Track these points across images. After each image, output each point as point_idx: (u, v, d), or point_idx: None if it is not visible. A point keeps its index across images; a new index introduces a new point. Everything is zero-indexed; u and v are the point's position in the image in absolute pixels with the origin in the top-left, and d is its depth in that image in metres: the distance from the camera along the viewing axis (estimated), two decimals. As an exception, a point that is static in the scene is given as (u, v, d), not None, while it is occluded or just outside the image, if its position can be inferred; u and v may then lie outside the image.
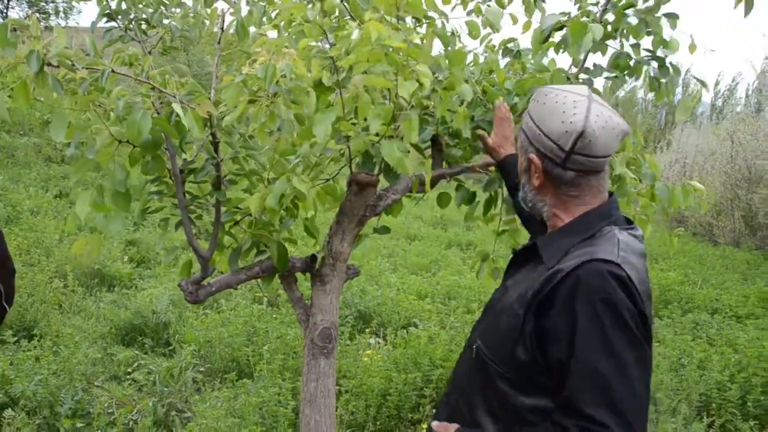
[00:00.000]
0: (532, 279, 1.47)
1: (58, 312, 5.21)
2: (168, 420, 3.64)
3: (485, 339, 1.56)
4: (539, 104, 1.53)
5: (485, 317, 1.65)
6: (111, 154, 1.67)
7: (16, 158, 10.47)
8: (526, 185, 1.59)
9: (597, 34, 2.26)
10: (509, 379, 1.47)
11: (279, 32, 2.01)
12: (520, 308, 1.44)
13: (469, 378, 1.60)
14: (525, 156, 1.57)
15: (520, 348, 1.43)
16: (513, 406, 1.47)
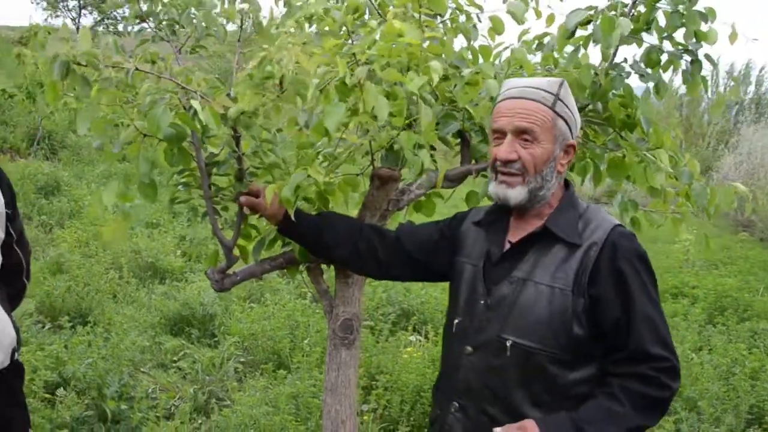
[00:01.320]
0: (559, 260, 1.61)
1: (112, 301, 5.45)
2: (208, 407, 3.78)
3: (521, 333, 1.61)
4: (569, 94, 1.68)
5: (499, 314, 1.65)
6: (137, 147, 1.76)
7: (80, 156, 10.93)
8: (552, 173, 1.65)
9: (625, 28, 2.23)
10: (560, 360, 1.58)
11: (302, 29, 2.07)
12: (565, 288, 1.58)
13: (501, 380, 1.63)
14: (561, 143, 1.65)
15: (575, 325, 1.57)
16: (562, 385, 1.59)
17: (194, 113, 1.58)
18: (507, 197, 1.65)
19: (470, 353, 1.68)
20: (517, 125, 1.62)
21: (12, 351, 2.02)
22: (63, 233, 6.95)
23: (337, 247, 1.98)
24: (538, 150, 1.62)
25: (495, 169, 1.68)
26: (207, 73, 1.76)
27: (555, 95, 1.64)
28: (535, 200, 1.65)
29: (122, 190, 1.71)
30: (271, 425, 3.37)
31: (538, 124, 1.61)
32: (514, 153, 1.62)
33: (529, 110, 1.62)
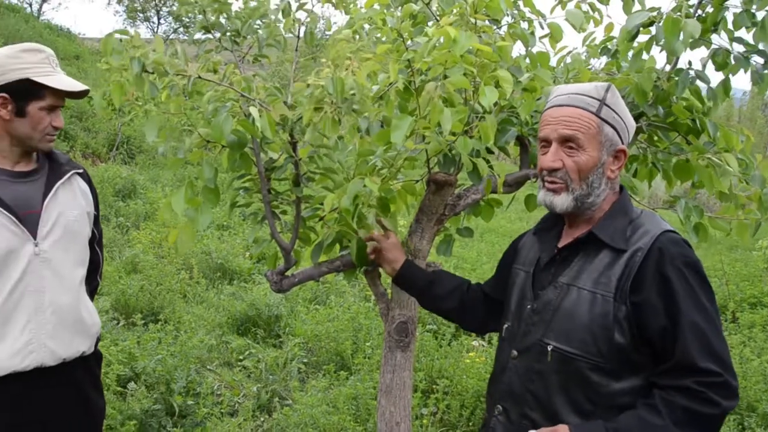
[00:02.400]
0: (603, 266, 1.58)
1: (182, 300, 5.65)
2: (270, 406, 3.87)
3: (562, 338, 1.59)
4: (618, 99, 1.64)
5: (543, 318, 1.65)
6: (201, 153, 1.84)
7: (156, 161, 11.38)
8: (600, 179, 1.62)
9: (694, 30, 2.17)
10: (601, 368, 1.53)
11: (360, 36, 2.11)
12: (607, 295, 1.54)
13: (542, 384, 1.62)
14: (608, 150, 1.62)
15: (616, 333, 1.52)
16: (605, 394, 1.54)
17: (252, 120, 1.64)
18: (553, 204, 1.65)
19: (515, 357, 1.69)
20: (560, 133, 1.61)
21: (96, 339, 2.19)
22: (138, 234, 7.26)
23: (445, 300, 2.07)
24: (583, 157, 1.60)
25: (542, 178, 1.67)
26: (266, 81, 1.82)
27: (601, 101, 1.61)
28: (584, 207, 1.63)
29: (189, 196, 1.79)
30: (329, 424, 3.43)
31: (582, 131, 1.59)
32: (559, 161, 1.61)
33: (573, 117, 1.60)
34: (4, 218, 1.93)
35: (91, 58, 16.81)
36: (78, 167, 2.18)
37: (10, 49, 1.97)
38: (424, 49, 1.86)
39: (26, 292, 1.97)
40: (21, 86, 1.93)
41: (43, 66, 1.95)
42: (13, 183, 2.00)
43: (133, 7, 25.09)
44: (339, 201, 1.93)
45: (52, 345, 2.01)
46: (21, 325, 1.96)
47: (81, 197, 2.15)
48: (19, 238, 1.95)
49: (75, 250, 2.10)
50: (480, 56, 1.89)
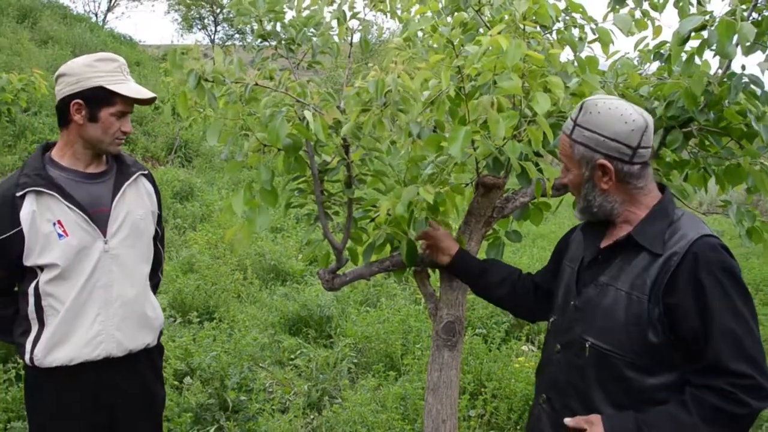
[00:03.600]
0: (640, 268, 1.64)
1: (236, 300, 5.80)
2: (320, 404, 3.96)
3: (599, 335, 1.68)
4: (594, 115, 1.69)
5: (584, 315, 1.74)
6: (258, 157, 1.93)
7: (212, 164, 11.67)
8: (591, 193, 1.73)
9: (749, 33, 2.16)
10: (636, 365, 1.61)
11: (413, 44, 2.17)
12: (641, 296, 1.61)
13: (582, 378, 1.71)
14: (588, 166, 1.71)
15: (650, 333, 1.59)
16: (639, 389, 1.62)
17: (307, 124, 1.72)
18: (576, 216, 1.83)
19: (558, 350, 1.81)
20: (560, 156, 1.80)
21: (159, 333, 2.32)
22: (195, 236, 7.47)
23: (497, 288, 2.17)
24: (570, 176, 1.75)
25: None
26: (320, 87, 1.90)
27: (573, 121, 1.72)
28: (597, 216, 1.75)
29: (248, 197, 1.88)
30: (378, 423, 3.50)
31: (563, 153, 1.76)
32: (564, 179, 1.80)
33: (560, 142, 1.78)
34: (78, 217, 2.06)
35: (151, 65, 17.34)
36: (143, 169, 2.31)
37: (87, 59, 2.10)
38: (474, 56, 1.91)
39: (96, 287, 2.10)
40: (94, 93, 2.06)
41: (115, 74, 2.08)
42: (85, 183, 2.14)
43: (189, 16, 25.78)
44: (393, 207, 1.99)
45: (120, 336, 2.14)
46: (92, 318, 2.09)
47: (146, 197, 2.28)
48: (91, 236, 2.09)
49: (140, 247, 2.23)
50: (529, 62, 1.93)
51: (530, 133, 1.95)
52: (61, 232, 2.03)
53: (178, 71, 1.74)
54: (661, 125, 2.37)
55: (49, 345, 2.06)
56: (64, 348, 2.07)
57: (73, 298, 2.06)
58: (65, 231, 2.04)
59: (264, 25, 2.09)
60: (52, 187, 2.05)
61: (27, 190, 2.03)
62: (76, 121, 2.08)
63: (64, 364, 2.07)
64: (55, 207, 2.05)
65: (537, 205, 2.47)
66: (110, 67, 2.09)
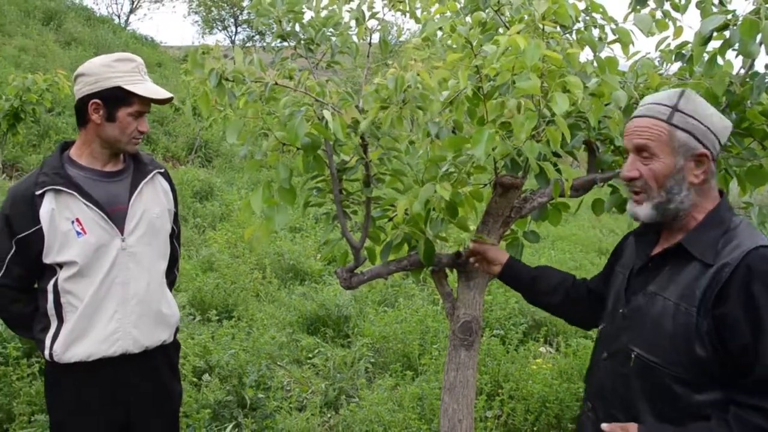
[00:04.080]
0: (690, 278, 1.57)
1: (255, 299, 5.84)
2: (337, 403, 3.97)
3: (646, 346, 1.62)
4: (697, 104, 1.65)
5: (631, 324, 1.68)
6: (277, 156, 1.95)
7: (232, 164, 11.76)
8: (678, 185, 1.63)
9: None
10: (683, 380, 1.54)
11: (431, 44, 2.18)
12: (690, 308, 1.54)
13: (626, 387, 1.66)
14: (687, 155, 1.62)
15: (697, 346, 1.51)
16: (686, 405, 1.54)
17: (326, 123, 1.73)
18: (637, 215, 1.69)
19: (605, 358, 1.76)
20: (634, 143, 1.67)
21: (175, 329, 2.35)
22: (214, 235, 7.53)
23: (550, 295, 2.13)
24: (657, 165, 1.63)
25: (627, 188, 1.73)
26: (339, 87, 1.92)
27: (672, 107, 1.64)
28: (668, 214, 1.65)
29: (267, 196, 1.90)
30: (394, 422, 3.50)
31: (652, 139, 1.63)
32: (635, 171, 1.66)
33: (643, 127, 1.65)
34: (96, 215, 2.10)
35: (172, 65, 17.52)
36: (160, 167, 2.34)
37: (105, 59, 2.13)
38: (493, 56, 1.92)
39: (114, 284, 2.13)
40: (112, 93, 2.09)
41: (133, 75, 2.11)
42: (102, 182, 2.17)
43: (209, 18, 25.98)
44: (410, 205, 2.00)
45: (136, 333, 2.17)
46: (109, 315, 2.13)
47: (163, 195, 2.31)
48: (109, 234, 2.12)
49: (157, 244, 2.26)
50: (548, 62, 1.93)
51: (549, 133, 1.95)
52: (79, 230, 2.07)
53: (199, 70, 1.76)
54: (682, 126, 2.35)
55: (67, 341, 2.09)
56: (82, 344, 2.10)
57: (91, 295, 2.09)
58: (83, 229, 2.07)
59: (283, 26, 2.11)
60: (70, 186, 2.08)
61: (46, 188, 2.06)
62: (93, 120, 2.11)
63: (82, 360, 2.10)
64: (74, 205, 2.08)
65: (555, 205, 2.47)
66: (128, 67, 2.11)
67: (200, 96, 1.72)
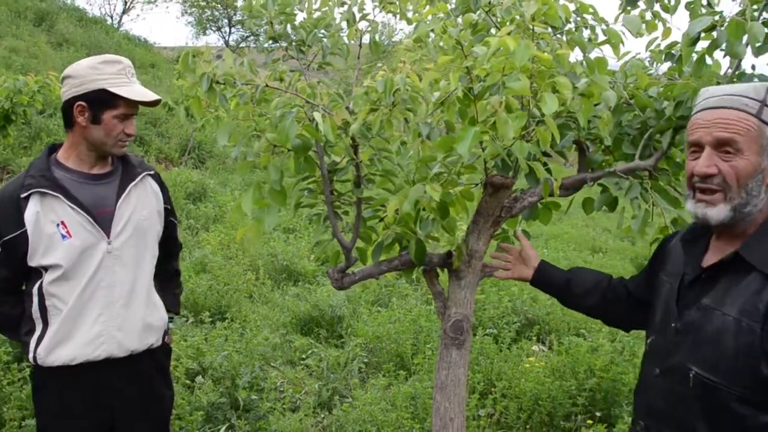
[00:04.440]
0: (751, 291, 1.44)
1: (248, 300, 5.85)
2: (331, 403, 3.98)
3: (705, 365, 1.48)
4: None
5: (686, 340, 1.55)
6: (269, 157, 1.96)
7: (225, 165, 11.76)
8: (759, 187, 1.49)
9: (759, 33, 2.16)
10: (748, 400, 1.41)
11: (423, 45, 2.19)
12: (753, 324, 1.40)
13: (685, 408, 1.52)
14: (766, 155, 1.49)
15: (763, 364, 1.38)
16: (750, 426, 1.42)
17: (316, 125, 1.74)
18: (707, 217, 1.52)
19: (657, 375, 1.63)
20: (716, 136, 1.49)
21: (163, 333, 2.33)
22: (207, 236, 7.53)
23: (586, 298, 2.06)
24: (741, 162, 1.47)
25: (692, 186, 1.55)
26: (330, 88, 1.93)
27: (761, 102, 1.48)
28: (740, 218, 1.50)
29: (258, 197, 1.90)
30: (387, 422, 3.52)
31: (740, 133, 1.47)
32: (714, 167, 1.49)
33: (730, 120, 1.48)
34: (81, 218, 2.09)
35: (165, 66, 17.50)
36: (149, 169, 2.33)
37: (91, 61, 2.13)
38: (483, 57, 1.93)
39: (99, 287, 2.13)
40: (97, 96, 2.08)
41: (119, 77, 2.10)
42: (89, 185, 2.16)
43: (203, 19, 25.94)
44: (401, 206, 2.01)
45: (121, 337, 2.16)
46: (93, 317, 2.12)
47: (152, 197, 2.31)
48: (94, 237, 2.11)
49: (144, 247, 2.25)
50: (538, 63, 1.95)
51: (539, 133, 1.97)
52: (64, 233, 2.06)
53: (190, 74, 1.77)
54: (671, 125, 2.37)
55: (51, 344, 2.09)
56: (65, 347, 2.09)
57: (76, 298, 2.08)
58: (68, 232, 2.07)
59: (275, 28, 2.12)
60: (56, 189, 2.08)
61: (31, 191, 2.06)
62: (79, 123, 2.11)
63: (66, 363, 2.10)
64: (59, 208, 2.08)
65: (546, 204, 2.48)
66: (114, 69, 2.11)
67: (192, 100, 1.73)
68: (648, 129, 2.41)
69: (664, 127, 2.37)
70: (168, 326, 2.40)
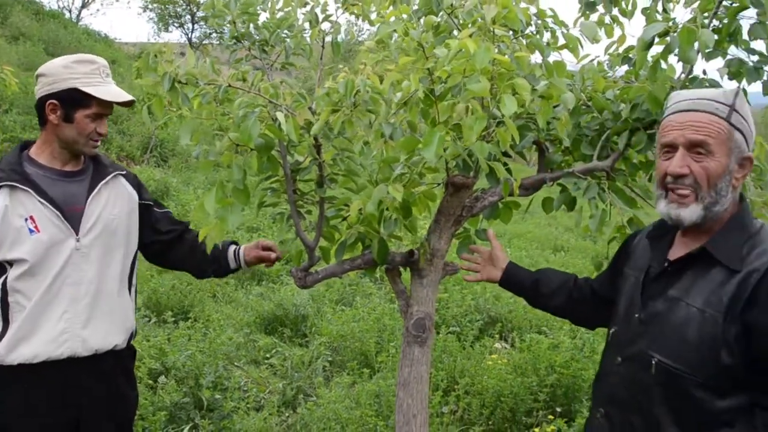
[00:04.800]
0: (716, 284, 1.52)
1: (212, 300, 5.81)
2: (295, 402, 3.99)
3: (668, 353, 1.56)
4: (746, 106, 1.61)
5: (650, 330, 1.63)
6: (231, 156, 1.96)
7: (188, 164, 11.62)
8: (726, 187, 1.57)
9: (708, 40, 2.23)
10: (707, 386, 1.49)
11: (386, 46, 2.21)
12: (717, 315, 1.48)
13: (646, 395, 1.59)
14: (738, 157, 1.57)
15: (723, 353, 1.46)
16: (709, 411, 1.49)
17: (279, 125, 1.75)
18: (680, 218, 1.59)
19: (619, 363, 1.69)
20: (689, 138, 1.56)
21: (129, 335, 2.33)
22: (170, 235, 7.43)
23: (553, 298, 2.14)
24: (712, 163, 1.54)
25: (665, 186, 1.61)
26: (293, 88, 1.94)
27: (730, 106, 1.56)
28: (712, 216, 1.58)
29: (221, 196, 1.91)
30: (352, 419, 3.54)
31: (712, 136, 1.54)
32: (686, 167, 1.56)
33: (702, 122, 1.56)
34: (51, 213, 2.08)
35: (127, 63, 17.21)
36: (121, 169, 2.34)
37: (65, 60, 2.13)
38: (445, 58, 1.96)
39: (65, 284, 2.11)
40: (69, 95, 2.09)
41: (92, 76, 2.11)
42: (61, 181, 2.16)
43: (164, 15, 25.55)
44: (364, 205, 2.04)
45: (85, 335, 2.14)
46: (58, 314, 2.10)
47: (124, 196, 2.30)
48: (63, 233, 2.10)
49: (113, 246, 2.24)
50: (498, 65, 1.99)
51: (499, 134, 2.01)
52: (32, 227, 2.05)
53: (151, 73, 1.77)
54: (627, 127, 2.43)
55: (12, 342, 2.06)
56: (28, 345, 2.07)
57: (41, 294, 2.07)
58: (37, 227, 2.06)
59: (238, 27, 2.12)
60: (26, 183, 2.07)
61: (1, 184, 2.05)
62: (51, 120, 2.11)
63: (27, 361, 2.07)
64: (28, 202, 2.07)
65: (506, 204, 2.53)
66: (87, 68, 2.11)
67: (155, 101, 1.73)
68: (605, 130, 2.46)
69: (620, 129, 2.43)
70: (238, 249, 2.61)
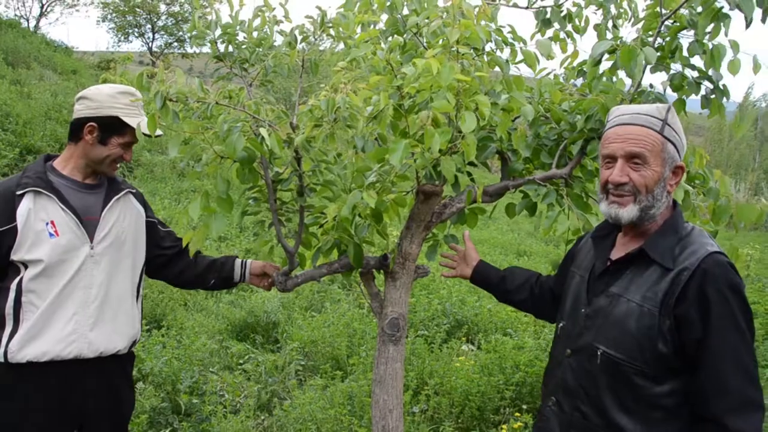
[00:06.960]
0: (652, 281, 1.71)
1: (183, 308, 5.87)
2: (270, 405, 4.10)
3: (611, 344, 1.75)
4: (677, 120, 1.81)
5: (595, 324, 1.81)
6: (216, 168, 2.10)
7: (154, 174, 11.58)
8: (662, 193, 1.77)
9: (650, 57, 2.43)
10: (645, 373, 1.68)
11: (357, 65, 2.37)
12: (653, 308, 1.68)
13: (593, 383, 1.78)
14: (669, 165, 1.77)
15: (660, 343, 1.66)
16: (648, 395, 1.69)
17: (262, 139, 1.89)
18: (619, 216, 1.79)
19: (569, 355, 1.87)
20: (628, 150, 1.76)
21: (132, 342, 2.47)
22: (139, 245, 7.45)
23: (516, 293, 2.35)
24: (648, 172, 1.74)
25: (606, 191, 1.82)
26: (274, 105, 2.09)
27: (663, 120, 1.76)
28: (646, 218, 1.77)
29: (205, 204, 2.04)
30: (326, 419, 3.67)
31: (648, 148, 1.74)
32: (626, 176, 1.76)
33: (639, 135, 1.75)
34: (71, 220, 2.24)
35: (87, 73, 17.04)
36: (131, 187, 2.53)
37: (111, 89, 2.33)
38: (412, 76, 2.13)
39: (77, 287, 2.26)
40: (110, 121, 2.29)
41: (132, 108, 2.31)
42: (80, 192, 2.34)
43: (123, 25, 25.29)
44: (339, 211, 2.19)
45: (92, 337, 2.28)
46: (68, 316, 2.24)
47: (133, 212, 2.48)
48: (80, 239, 2.26)
49: (122, 256, 2.40)
50: (462, 82, 2.16)
51: (463, 146, 2.18)
52: (52, 231, 2.20)
53: (146, 94, 1.89)
54: (582, 136, 2.62)
55: (24, 339, 2.17)
56: (37, 343, 2.18)
57: (55, 296, 2.20)
58: (56, 231, 2.20)
59: (218, 48, 2.26)
60: (50, 190, 2.23)
61: (27, 189, 2.21)
62: (86, 140, 2.30)
63: (36, 359, 2.18)
64: (51, 208, 2.22)
65: (473, 209, 2.70)
66: (128, 100, 2.30)
67: (149, 118, 1.86)
68: (563, 140, 2.64)
69: (576, 138, 2.61)
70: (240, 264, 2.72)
